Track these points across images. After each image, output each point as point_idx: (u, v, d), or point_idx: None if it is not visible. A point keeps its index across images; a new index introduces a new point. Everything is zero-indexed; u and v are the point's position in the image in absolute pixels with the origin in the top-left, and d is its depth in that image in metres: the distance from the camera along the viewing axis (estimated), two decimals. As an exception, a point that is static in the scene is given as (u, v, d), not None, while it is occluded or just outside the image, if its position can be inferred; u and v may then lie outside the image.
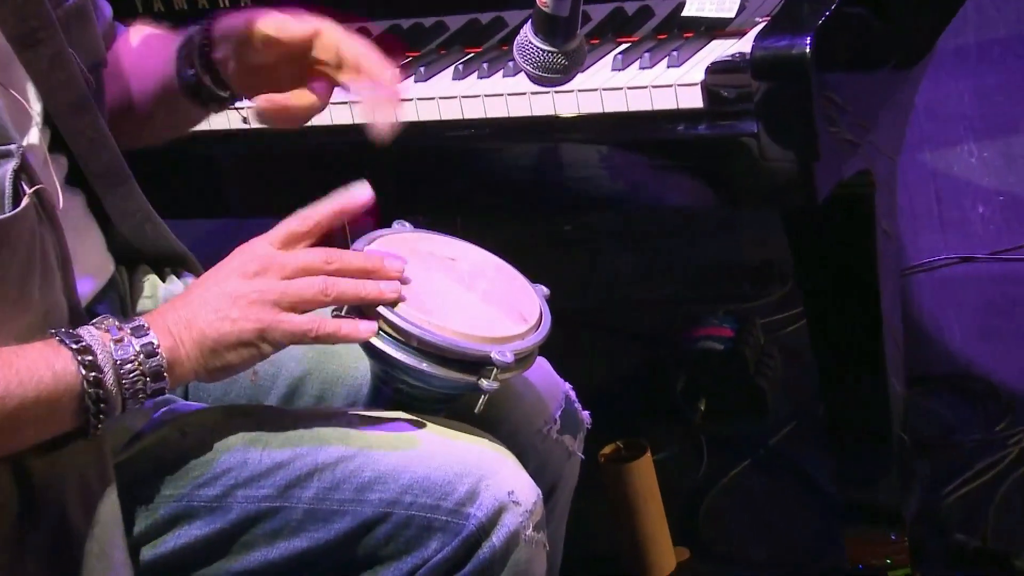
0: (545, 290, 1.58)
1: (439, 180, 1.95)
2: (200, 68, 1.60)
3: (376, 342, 1.43)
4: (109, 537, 1.37)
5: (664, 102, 1.74)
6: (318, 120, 1.95)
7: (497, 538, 1.42)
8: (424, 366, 1.43)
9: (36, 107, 1.42)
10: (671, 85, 1.73)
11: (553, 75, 1.48)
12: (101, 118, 1.52)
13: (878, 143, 1.93)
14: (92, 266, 1.54)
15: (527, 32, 1.47)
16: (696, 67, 1.75)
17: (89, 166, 1.51)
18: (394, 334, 1.43)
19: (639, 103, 1.76)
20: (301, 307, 1.39)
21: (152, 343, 1.33)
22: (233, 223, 3.52)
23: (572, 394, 1.72)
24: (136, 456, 1.45)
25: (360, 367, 1.63)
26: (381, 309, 1.42)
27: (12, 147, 1.31)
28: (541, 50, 1.46)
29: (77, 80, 1.47)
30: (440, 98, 1.88)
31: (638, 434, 2.36)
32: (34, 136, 1.41)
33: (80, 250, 1.47)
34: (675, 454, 2.65)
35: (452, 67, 1.95)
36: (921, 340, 2.86)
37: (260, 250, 1.41)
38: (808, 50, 1.61)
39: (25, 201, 1.31)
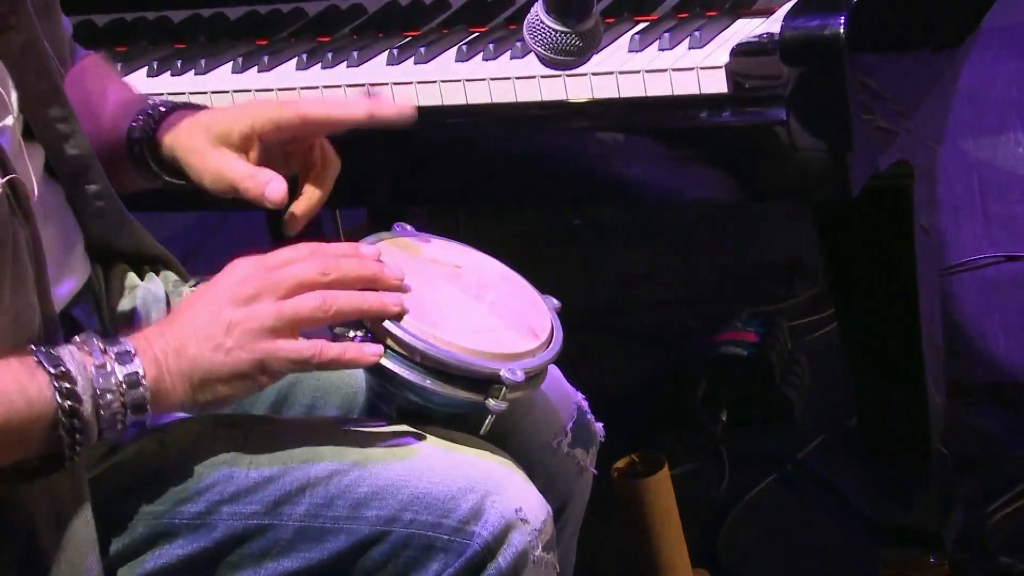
0: (556, 303, 1.58)
1: (440, 170, 1.96)
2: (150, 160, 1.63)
3: None
4: (82, 558, 1.37)
5: (685, 87, 1.75)
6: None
7: (504, 559, 1.42)
8: (428, 383, 1.44)
9: (13, 95, 1.44)
10: (693, 68, 1.74)
11: (566, 57, 1.49)
12: (72, 112, 1.53)
13: (917, 131, 1.94)
14: (70, 266, 1.55)
15: (538, 10, 1.47)
16: (720, 49, 1.76)
17: (59, 161, 1.53)
18: (396, 348, 1.43)
19: (658, 87, 1.77)
20: (300, 327, 1.39)
21: (137, 373, 1.34)
22: (217, 216, 3.53)
23: (585, 405, 1.73)
24: (112, 469, 1.45)
25: (355, 374, 1.64)
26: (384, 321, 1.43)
27: None
28: (553, 30, 1.47)
29: (50, 72, 1.49)
30: (442, 81, 1.88)
31: (654, 447, 2.36)
32: (9, 122, 1.42)
33: (58, 248, 1.48)
34: (694, 469, 2.66)
35: (455, 48, 1.96)
36: (962, 346, 2.86)
37: (252, 269, 1.41)
38: (842, 30, 1.62)
39: None
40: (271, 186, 1.52)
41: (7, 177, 1.34)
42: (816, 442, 2.67)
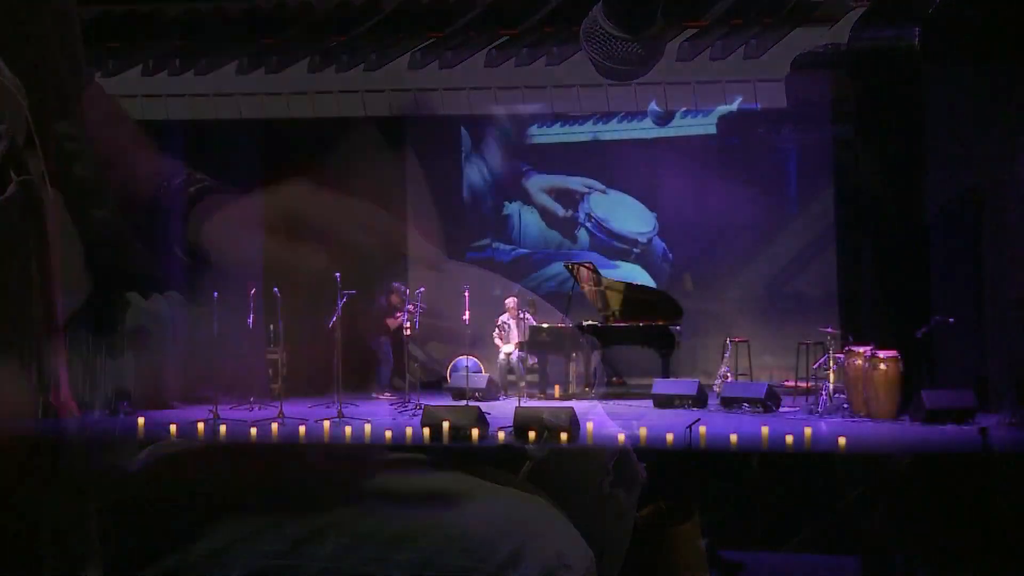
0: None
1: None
2: None
3: None
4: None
5: (740, 100, 1.78)
6: (297, 112, 2.00)
7: (544, 610, 1.45)
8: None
9: (24, 103, 1.46)
10: (749, 80, 1.78)
11: (627, 67, 1.52)
12: (83, 130, 1.55)
13: (991, 154, 1.97)
14: (69, 280, 1.57)
15: (597, 16, 1.51)
16: (778, 59, 1.80)
17: (65, 181, 1.54)
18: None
19: (710, 100, 1.80)
20: None
21: None
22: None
23: (628, 442, 1.75)
24: (123, 502, 1.47)
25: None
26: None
27: (2, 128, 1.35)
28: (613, 37, 1.50)
29: (62, 84, 1.51)
30: (471, 88, 1.91)
31: (682, 492, 2.38)
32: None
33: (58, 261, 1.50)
34: (725, 517, 2.68)
35: (484, 51, 1.99)
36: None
37: None
38: (918, 42, 1.65)
39: (11, 189, 1.34)
40: None
41: (21, 177, 1.36)
42: (859, 491, 2.68)
